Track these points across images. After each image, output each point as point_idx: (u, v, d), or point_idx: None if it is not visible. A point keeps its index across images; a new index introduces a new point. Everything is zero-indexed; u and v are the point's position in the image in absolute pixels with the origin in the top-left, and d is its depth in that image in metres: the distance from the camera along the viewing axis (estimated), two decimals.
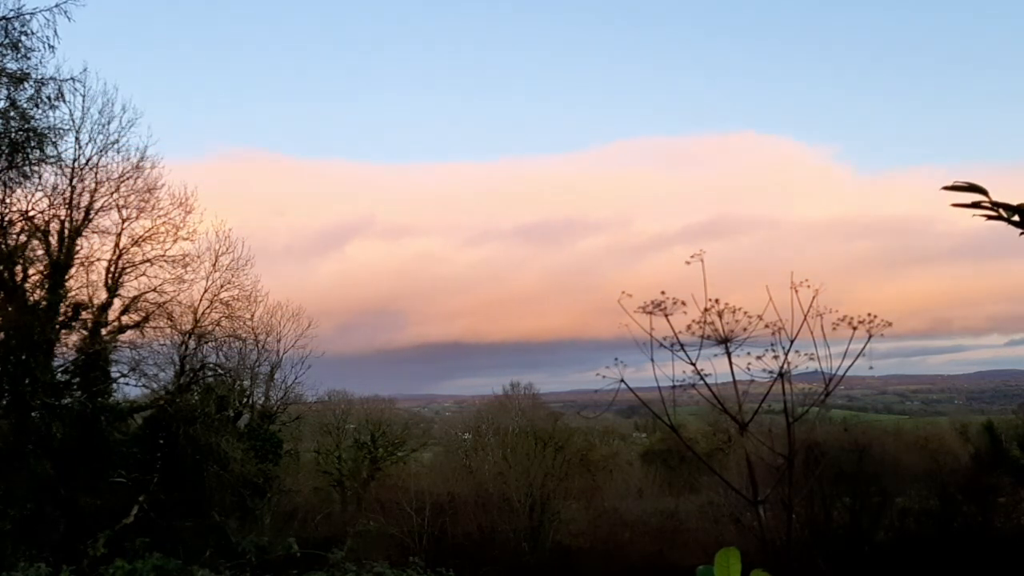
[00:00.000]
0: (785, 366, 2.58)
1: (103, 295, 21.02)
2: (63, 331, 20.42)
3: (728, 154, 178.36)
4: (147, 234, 21.46)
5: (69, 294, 20.49)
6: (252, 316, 24.98)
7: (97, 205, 20.79)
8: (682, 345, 2.59)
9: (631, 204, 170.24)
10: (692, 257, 2.58)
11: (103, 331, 20.87)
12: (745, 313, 2.57)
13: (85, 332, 20.68)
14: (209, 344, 23.20)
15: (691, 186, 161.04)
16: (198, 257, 22.34)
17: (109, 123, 20.67)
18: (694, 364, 2.59)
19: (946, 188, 1.91)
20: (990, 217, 1.91)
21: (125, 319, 21.46)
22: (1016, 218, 1.89)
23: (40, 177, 19.79)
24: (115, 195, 20.94)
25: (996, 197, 1.90)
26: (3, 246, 19.55)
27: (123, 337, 21.45)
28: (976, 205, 1.91)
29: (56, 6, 16.98)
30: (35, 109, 18.32)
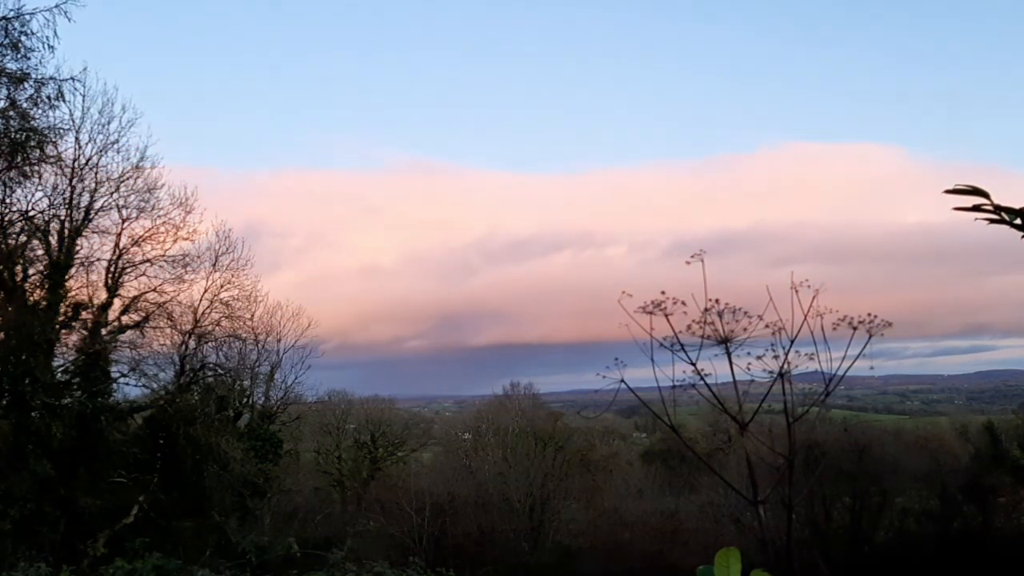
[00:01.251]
0: (785, 366, 2.58)
1: (103, 295, 21.01)
2: (63, 331, 20.41)
3: (847, 162, 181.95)
4: (147, 234, 21.46)
5: (69, 294, 20.49)
6: (252, 316, 24.99)
7: (97, 205, 20.80)
8: (682, 345, 2.59)
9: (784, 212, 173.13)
10: (692, 257, 2.58)
11: (103, 331, 20.86)
12: (745, 313, 2.57)
13: (85, 332, 20.67)
14: (209, 344, 23.20)
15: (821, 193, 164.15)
16: (198, 257, 22.35)
17: (109, 123, 20.68)
18: (694, 364, 2.60)
19: (948, 192, 1.90)
20: (992, 220, 1.90)
21: (125, 319, 21.46)
22: (1018, 221, 1.88)
23: (40, 177, 19.79)
24: (115, 195, 20.95)
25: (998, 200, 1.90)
26: (3, 246, 19.55)
27: (123, 337, 21.45)
28: (978, 208, 1.90)
29: (56, 6, 16.98)
30: (35, 109, 18.32)
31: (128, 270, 21.49)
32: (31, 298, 19.93)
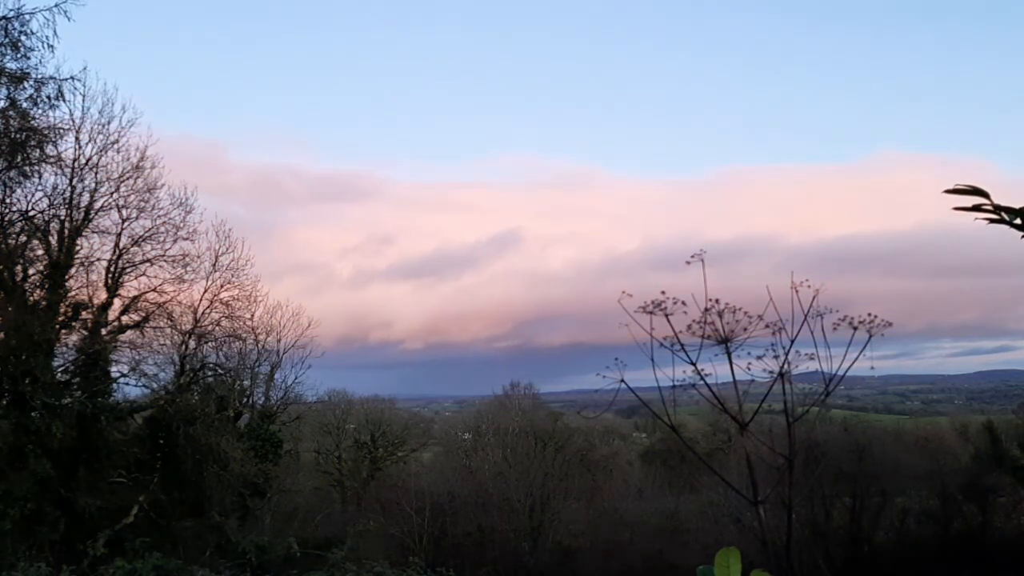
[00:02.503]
0: (785, 366, 2.57)
1: (103, 295, 20.99)
2: (63, 331, 20.40)
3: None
4: (147, 234, 21.44)
5: (69, 294, 20.48)
6: (252, 316, 24.98)
7: (97, 205, 20.78)
8: (682, 345, 2.59)
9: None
10: (692, 257, 2.58)
11: (103, 331, 20.86)
12: (745, 313, 2.57)
13: (85, 332, 20.67)
14: (209, 344, 23.18)
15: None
16: (198, 257, 22.33)
17: (109, 123, 20.65)
18: (694, 364, 2.59)
19: (948, 192, 1.90)
20: (992, 220, 1.90)
21: (125, 319, 21.45)
22: (1018, 221, 1.88)
23: (40, 177, 19.79)
24: (115, 195, 20.93)
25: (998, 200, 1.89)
26: (3, 246, 19.54)
27: (123, 337, 21.44)
28: (978, 208, 1.90)
29: (56, 6, 16.98)
30: (35, 109, 18.32)
31: (128, 270, 21.49)
32: (31, 298, 19.92)
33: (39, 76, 18.04)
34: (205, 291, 22.66)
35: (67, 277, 20.40)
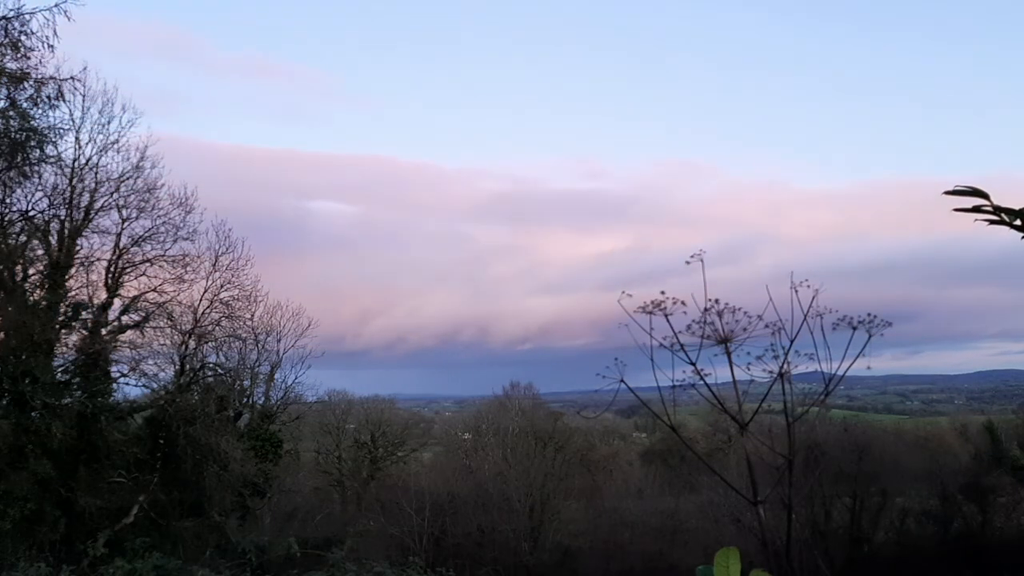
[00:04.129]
0: (785, 366, 2.57)
1: (103, 295, 21.00)
2: (63, 331, 20.40)
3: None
4: (147, 234, 21.45)
5: (69, 294, 20.48)
6: (252, 316, 24.98)
7: (97, 205, 20.78)
8: (682, 345, 2.59)
9: None
10: (692, 257, 2.58)
11: (103, 331, 20.86)
12: (745, 313, 2.57)
13: (85, 332, 20.67)
14: (209, 344, 23.17)
15: None
16: (198, 257, 22.33)
17: (109, 123, 20.67)
18: (694, 364, 2.59)
19: (947, 193, 1.90)
20: (992, 222, 1.90)
21: (125, 319, 21.44)
22: (1018, 222, 1.88)
23: (40, 177, 19.78)
24: (115, 195, 20.94)
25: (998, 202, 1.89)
26: (3, 246, 19.54)
27: (123, 337, 21.43)
28: (977, 209, 1.90)
29: (56, 6, 16.95)
30: (35, 109, 18.31)
31: (128, 270, 21.48)
32: (31, 298, 19.91)
33: (39, 76, 18.03)
34: (205, 291, 22.67)
35: (67, 277, 20.39)
